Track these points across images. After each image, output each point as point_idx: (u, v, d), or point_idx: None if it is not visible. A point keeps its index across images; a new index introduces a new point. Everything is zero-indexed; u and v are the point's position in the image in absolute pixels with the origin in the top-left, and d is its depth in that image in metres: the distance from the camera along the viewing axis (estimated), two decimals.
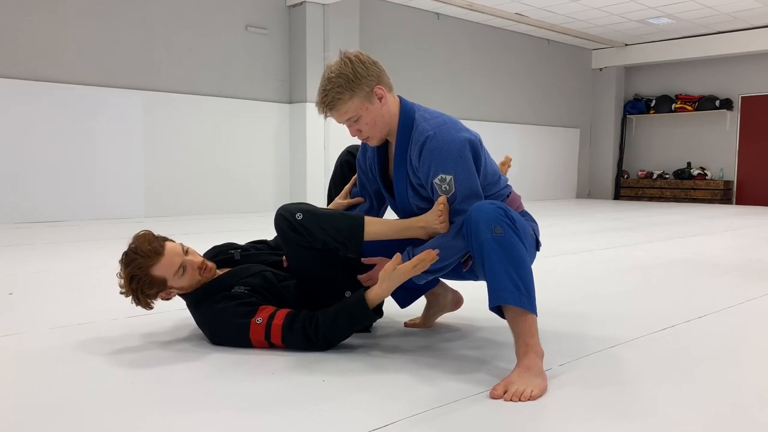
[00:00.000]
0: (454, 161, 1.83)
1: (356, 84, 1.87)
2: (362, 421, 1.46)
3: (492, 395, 1.61)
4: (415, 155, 1.90)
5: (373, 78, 1.89)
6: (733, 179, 11.35)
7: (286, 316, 1.95)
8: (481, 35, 10.36)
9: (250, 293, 2.00)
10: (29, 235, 5.21)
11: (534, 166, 11.36)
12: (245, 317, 1.95)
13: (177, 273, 1.98)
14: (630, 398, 1.62)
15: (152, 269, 1.95)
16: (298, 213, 1.95)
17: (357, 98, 1.88)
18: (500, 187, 2.02)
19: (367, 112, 1.90)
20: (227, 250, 2.26)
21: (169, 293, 2.03)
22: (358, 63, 1.88)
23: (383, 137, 1.98)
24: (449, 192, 1.84)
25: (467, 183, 1.84)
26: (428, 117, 1.93)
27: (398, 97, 1.98)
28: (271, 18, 8.02)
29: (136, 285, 1.95)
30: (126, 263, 1.96)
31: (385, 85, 1.93)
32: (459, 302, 2.36)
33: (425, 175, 1.88)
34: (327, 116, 1.95)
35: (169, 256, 1.97)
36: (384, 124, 1.94)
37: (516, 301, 1.70)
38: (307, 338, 1.93)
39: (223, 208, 7.69)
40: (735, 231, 6.17)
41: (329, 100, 1.88)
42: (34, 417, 1.47)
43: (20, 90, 6.19)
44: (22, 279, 3.24)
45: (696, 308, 2.67)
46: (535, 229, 2.03)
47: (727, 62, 11.20)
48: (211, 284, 2.04)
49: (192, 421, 1.46)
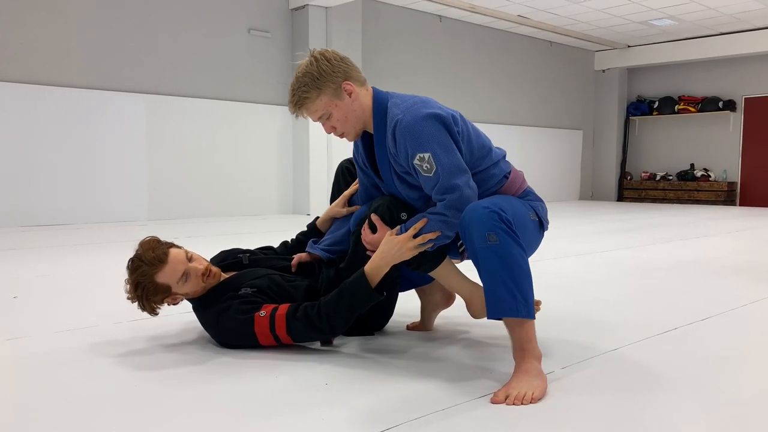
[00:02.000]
0: (426, 138, 1.80)
1: (322, 82, 1.87)
2: (365, 424, 1.46)
3: (493, 401, 1.60)
4: (391, 142, 1.89)
5: (339, 74, 1.89)
6: (736, 180, 11.33)
7: (289, 307, 1.96)
8: (484, 38, 10.37)
9: (255, 294, 2.01)
10: (33, 238, 5.22)
11: (537, 168, 11.35)
12: (249, 312, 1.96)
13: (180, 280, 2.00)
14: (633, 401, 1.62)
15: (156, 277, 1.97)
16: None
17: (324, 96, 1.88)
18: (493, 160, 1.96)
19: (336, 109, 1.91)
20: (235, 254, 2.28)
21: (175, 299, 2.06)
22: (323, 60, 1.89)
23: (358, 132, 1.98)
24: (431, 170, 1.80)
25: (447, 157, 1.80)
26: (399, 102, 1.91)
27: (372, 88, 1.98)
28: (274, 21, 8.03)
29: (141, 292, 1.98)
30: (131, 270, 1.99)
31: (355, 80, 1.92)
32: (450, 298, 2.34)
33: (405, 159, 1.86)
34: (298, 116, 1.95)
35: (172, 264, 1.99)
36: (356, 118, 1.94)
37: (513, 311, 1.70)
38: (311, 324, 1.91)
39: (226, 211, 7.70)
40: (739, 233, 6.16)
41: (296, 99, 1.90)
42: (38, 421, 1.48)
43: (24, 93, 6.21)
44: (26, 282, 3.25)
45: (700, 310, 2.67)
46: (537, 210, 1.99)
47: (730, 63, 11.19)
48: (217, 287, 2.06)
49: (195, 424, 1.46)
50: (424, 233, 1.85)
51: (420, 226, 1.85)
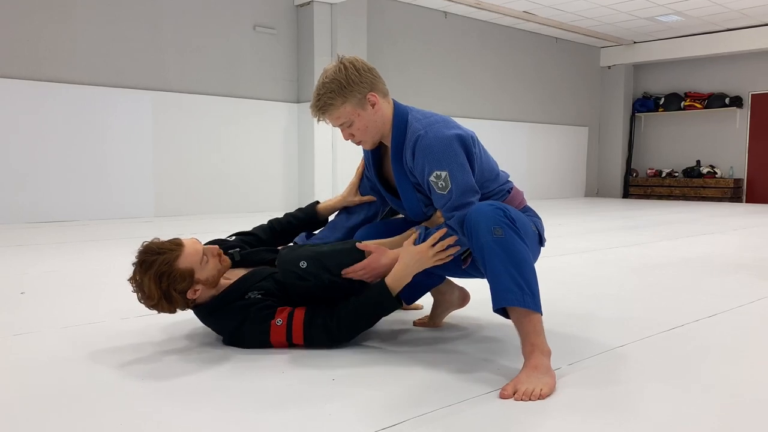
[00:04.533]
0: (447, 157, 1.85)
1: (348, 90, 1.91)
2: (372, 420, 1.46)
3: (502, 395, 1.61)
4: (409, 155, 1.94)
5: (366, 85, 1.93)
6: (743, 177, 11.29)
7: (306, 314, 1.96)
8: (489, 34, 10.34)
9: (264, 297, 2.00)
10: (40, 234, 5.24)
11: (542, 165, 11.33)
12: (264, 321, 1.95)
13: (202, 261, 1.94)
14: (639, 398, 1.62)
15: (178, 261, 1.90)
16: (301, 262, 1.96)
17: (349, 104, 1.93)
18: (499, 183, 2.03)
19: (359, 118, 1.95)
20: (225, 250, 2.19)
21: (195, 291, 1.95)
22: (353, 70, 1.92)
23: (376, 142, 2.04)
24: (446, 188, 1.86)
25: (462, 178, 1.86)
26: (420, 117, 1.97)
27: (392, 100, 2.02)
28: (279, 18, 8.04)
29: (167, 283, 1.88)
30: (147, 268, 1.89)
31: (379, 92, 1.97)
32: (466, 299, 2.37)
33: (420, 174, 1.92)
34: (319, 120, 2.00)
35: (190, 245, 1.96)
36: (376, 129, 1.99)
37: (519, 301, 1.70)
38: (330, 334, 1.95)
39: (232, 208, 7.72)
40: (745, 229, 6.14)
41: (321, 105, 1.94)
42: (44, 416, 1.48)
43: (31, 90, 6.23)
44: (33, 278, 3.27)
45: (706, 307, 2.66)
46: (537, 225, 2.03)
47: (736, 60, 11.14)
48: (224, 293, 2.01)
49: (201, 419, 1.47)
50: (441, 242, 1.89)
51: (439, 235, 1.89)
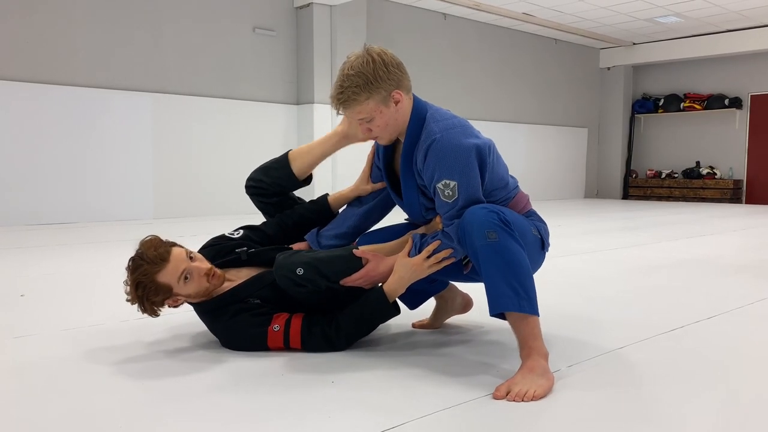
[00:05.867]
0: (459, 168, 1.78)
1: (374, 87, 1.80)
2: (371, 422, 1.46)
3: (495, 396, 1.61)
4: (420, 157, 1.86)
5: (392, 82, 1.83)
6: (742, 178, 11.29)
7: (303, 321, 1.96)
8: (489, 35, 10.34)
9: (262, 303, 2.00)
10: (39, 236, 5.24)
11: (542, 166, 11.33)
12: (261, 326, 1.95)
13: (181, 279, 1.94)
14: (639, 400, 1.62)
15: (157, 276, 1.91)
16: (298, 269, 1.93)
17: (373, 101, 1.81)
18: (507, 191, 1.96)
19: (380, 115, 1.84)
20: (230, 248, 2.18)
21: (175, 300, 1.99)
22: (381, 64, 1.81)
23: (392, 139, 1.95)
24: (452, 197, 1.79)
25: (470, 190, 1.80)
26: (438, 118, 1.86)
27: (413, 95, 1.94)
28: (279, 19, 8.04)
29: (142, 292, 1.92)
30: (132, 270, 1.93)
31: (404, 89, 1.87)
32: (469, 305, 2.36)
33: (429, 178, 1.84)
34: (339, 113, 1.89)
35: (174, 262, 1.93)
36: (396, 127, 1.90)
37: (515, 306, 1.69)
38: (328, 340, 1.96)
39: (232, 210, 7.71)
40: (745, 230, 6.14)
41: (344, 99, 1.82)
42: (44, 417, 1.48)
43: (30, 92, 6.23)
44: (33, 281, 3.27)
45: (706, 309, 2.66)
46: (540, 229, 1.97)
47: (736, 61, 11.14)
48: (224, 296, 2.02)
49: (200, 421, 1.47)
50: (436, 254, 1.87)
51: (433, 247, 1.86)
